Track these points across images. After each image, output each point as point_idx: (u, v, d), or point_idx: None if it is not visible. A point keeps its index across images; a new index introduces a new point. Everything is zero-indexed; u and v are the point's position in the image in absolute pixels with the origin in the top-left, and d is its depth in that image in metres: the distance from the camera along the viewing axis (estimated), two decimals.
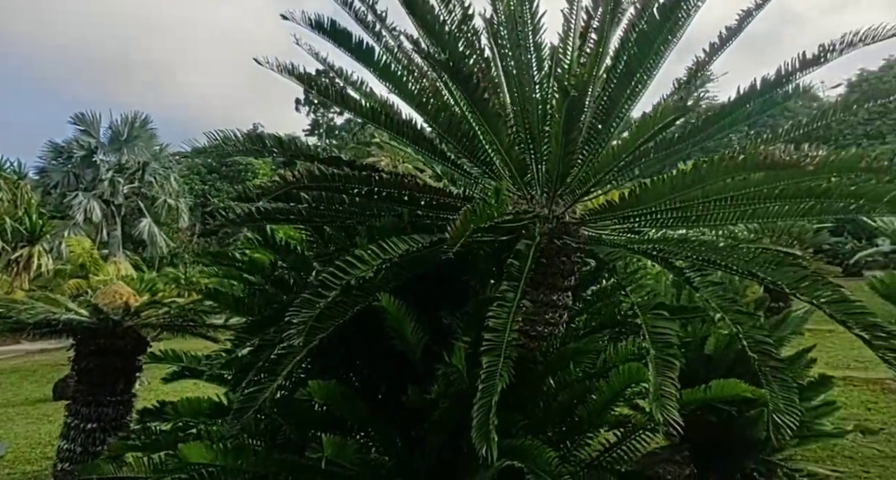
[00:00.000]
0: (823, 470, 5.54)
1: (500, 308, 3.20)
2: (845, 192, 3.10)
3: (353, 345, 4.69)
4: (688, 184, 3.20)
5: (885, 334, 2.92)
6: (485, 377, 2.89)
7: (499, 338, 3.07)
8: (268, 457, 3.53)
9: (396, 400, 4.05)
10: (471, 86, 3.34)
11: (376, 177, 3.68)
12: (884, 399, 8.20)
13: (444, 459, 3.77)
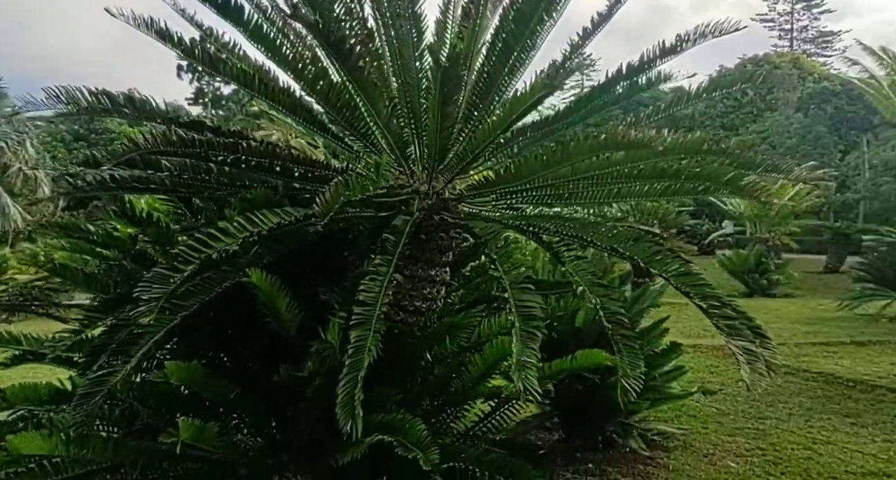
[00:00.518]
0: (670, 428, 6.15)
1: (371, 282, 3.16)
2: (692, 173, 3.39)
3: (224, 324, 4.45)
4: (557, 161, 3.33)
5: (719, 304, 3.25)
6: (352, 352, 2.85)
7: (369, 312, 3.03)
8: (119, 445, 3.25)
9: (270, 379, 3.90)
10: (343, 51, 3.21)
11: (243, 144, 3.46)
12: (724, 363, 9.24)
13: (316, 437, 3.70)
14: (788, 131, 30.68)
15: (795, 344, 10.38)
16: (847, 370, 8.54)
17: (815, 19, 52.64)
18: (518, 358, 2.79)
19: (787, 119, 31.54)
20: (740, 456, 5.63)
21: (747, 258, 17.61)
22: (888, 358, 9.12)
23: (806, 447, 5.78)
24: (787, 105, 32.75)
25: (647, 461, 5.54)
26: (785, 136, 30.68)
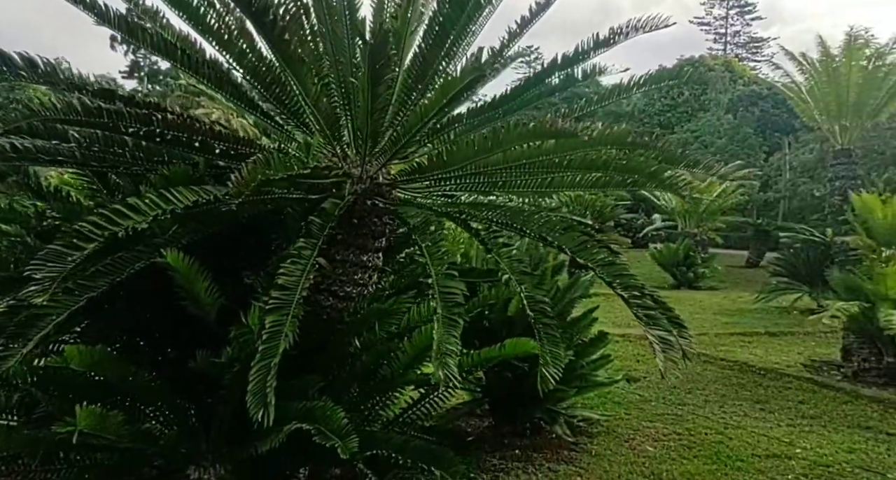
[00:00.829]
0: (595, 415, 6.35)
1: (292, 265, 3.05)
2: (619, 166, 3.46)
3: (140, 307, 4.23)
4: (488, 148, 3.31)
5: (639, 294, 3.35)
6: (266, 337, 2.74)
7: (288, 297, 2.93)
8: (13, 434, 3.02)
9: (188, 365, 3.73)
10: (266, 22, 3.05)
11: (158, 117, 3.24)
12: (650, 352, 9.60)
13: (236, 425, 3.57)
14: (719, 131, 32.15)
15: (715, 335, 10.94)
16: (759, 359, 9.08)
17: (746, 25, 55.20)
18: (439, 346, 2.76)
19: (718, 119, 33.03)
20: (658, 441, 5.88)
21: (676, 251, 18.39)
22: (796, 348, 9.75)
23: (718, 431, 6.10)
24: (718, 106, 34.27)
25: (571, 446, 5.70)
26: (716, 136, 32.13)
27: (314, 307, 4.27)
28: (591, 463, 5.33)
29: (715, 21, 55.17)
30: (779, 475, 5.08)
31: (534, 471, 5.14)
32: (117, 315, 4.13)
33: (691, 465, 5.29)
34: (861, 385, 7.59)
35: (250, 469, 3.91)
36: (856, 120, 11.17)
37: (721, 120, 32.76)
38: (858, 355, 7.90)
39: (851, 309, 7.48)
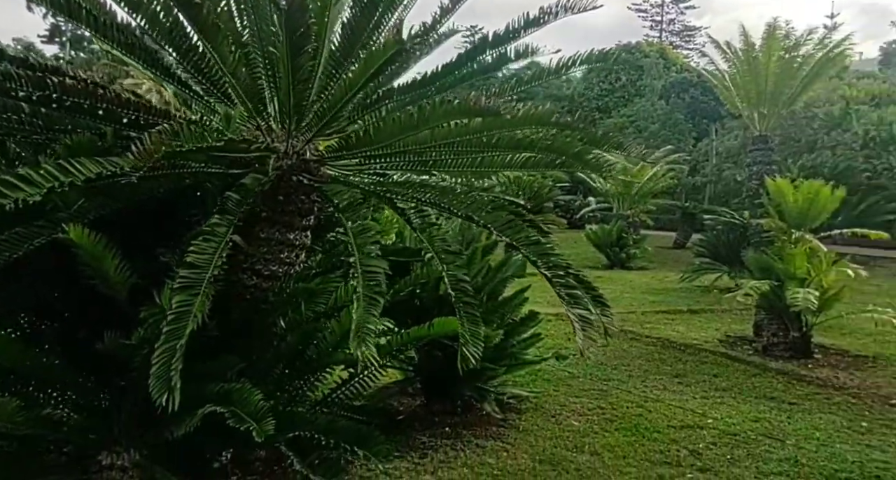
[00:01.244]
0: (524, 392, 6.51)
1: (205, 242, 2.91)
2: (545, 146, 3.49)
3: (44, 285, 3.95)
4: (414, 125, 3.25)
5: (563, 273, 3.41)
6: (172, 318, 2.62)
7: (198, 276, 2.80)
8: None
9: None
10: None
11: (54, 80, 2.99)
12: None
13: (148, 409, 3.42)
14: (652, 116, 33.22)
15: (642, 313, 11.42)
16: (680, 335, 9.55)
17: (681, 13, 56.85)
18: (359, 325, 2.72)
19: (652, 105, 34.09)
20: (583, 415, 6.10)
21: (610, 232, 18.98)
22: (714, 325, 10.32)
23: (639, 404, 6.39)
24: (652, 92, 35.35)
25: (500, 423, 5.82)
26: (649, 121, 33.20)
27: (237, 286, 4.13)
28: (517, 439, 5.47)
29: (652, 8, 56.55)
30: (691, 444, 5.39)
31: (462, 448, 5.22)
32: (18, 294, 3.85)
33: (612, 437, 5.53)
34: (769, 358, 8.13)
35: (167, 453, 3.78)
36: (773, 108, 11.80)
37: (655, 105, 33.84)
38: (768, 330, 8.44)
39: (762, 288, 7.97)
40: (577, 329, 3.39)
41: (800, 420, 5.96)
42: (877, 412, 6.15)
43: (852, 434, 5.56)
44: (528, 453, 5.18)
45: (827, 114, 23.96)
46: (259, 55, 3.66)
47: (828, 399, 6.55)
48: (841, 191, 8.99)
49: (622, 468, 4.93)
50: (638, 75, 39.61)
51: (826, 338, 9.00)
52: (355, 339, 2.71)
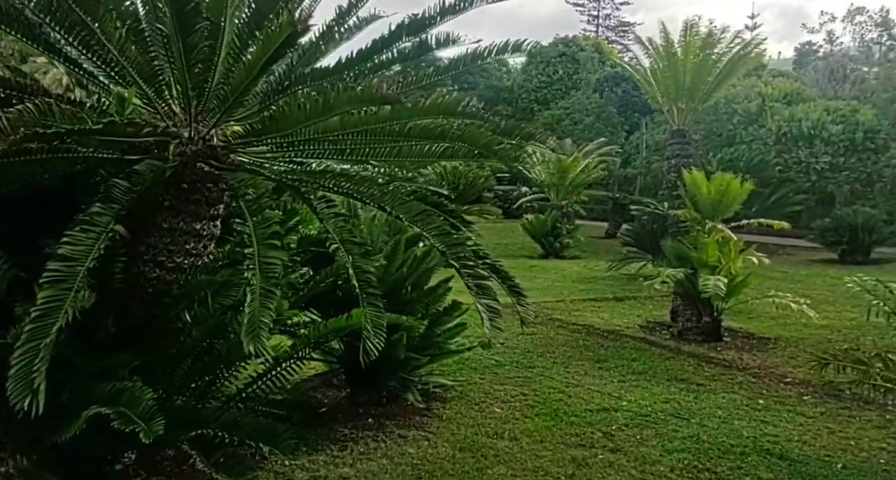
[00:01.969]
0: (448, 381, 6.57)
1: (82, 233, 2.73)
2: (456, 136, 3.49)
3: None
4: (319, 112, 3.17)
5: (472, 264, 3.43)
6: (36, 316, 2.44)
7: (71, 269, 2.63)
8: None
9: None
10: None
11: None
12: (509, 319, 10.12)
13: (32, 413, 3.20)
14: (587, 109, 34.06)
15: (571, 301, 11.74)
16: (605, 322, 9.90)
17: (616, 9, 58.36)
18: (252, 319, 2.64)
19: (587, 98, 34.94)
20: (505, 402, 6.22)
21: (545, 223, 19.37)
22: (637, 311, 10.75)
23: (560, 390, 6.58)
24: (588, 85, 36.22)
25: (424, 412, 5.84)
26: (584, 114, 34.04)
27: (138, 279, 3.93)
28: (440, 427, 5.51)
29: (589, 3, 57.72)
30: (605, 426, 5.59)
31: (384, 438, 5.21)
32: None
33: (532, 423, 5.66)
34: (683, 342, 8.55)
35: (60, 457, 3.56)
36: (690, 103, 12.35)
37: (590, 99, 34.69)
38: (683, 316, 8.87)
39: (677, 276, 8.35)
40: (484, 319, 3.42)
41: (705, 399, 6.30)
42: (773, 390, 6.59)
43: (750, 412, 5.94)
44: (449, 441, 5.22)
45: (745, 111, 25.32)
46: (155, 33, 3.46)
47: (731, 379, 6.96)
48: (749, 183, 9.53)
49: (538, 451, 5.06)
50: (574, 68, 40.48)
51: (735, 322, 9.56)
52: (247, 334, 2.62)
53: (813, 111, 22.54)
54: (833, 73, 29.33)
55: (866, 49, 34.71)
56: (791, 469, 4.71)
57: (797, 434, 5.39)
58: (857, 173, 21.75)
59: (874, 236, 15.89)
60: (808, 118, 22.17)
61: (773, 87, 25.83)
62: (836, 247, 16.33)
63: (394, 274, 5.84)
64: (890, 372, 4.92)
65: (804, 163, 22.09)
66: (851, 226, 15.76)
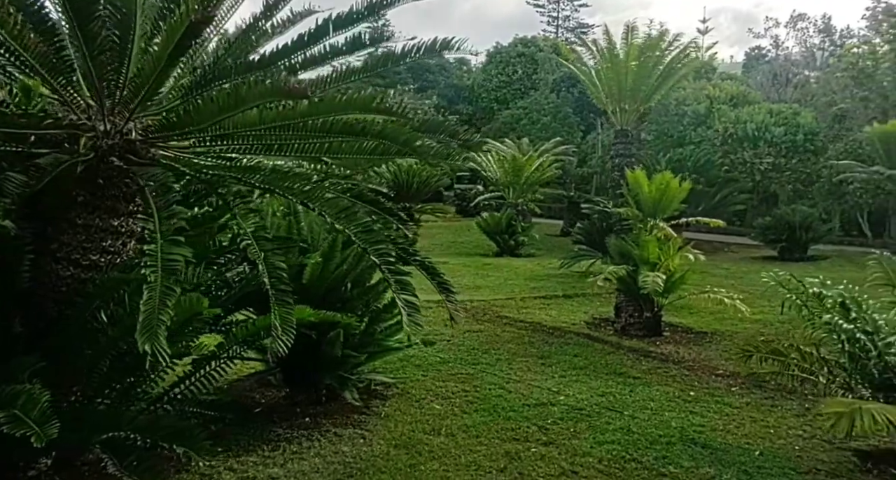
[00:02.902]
0: (387, 379, 6.57)
1: None
2: (376, 131, 3.48)
3: None
4: (233, 105, 3.11)
5: (392, 259, 3.44)
6: None
7: None
8: None
9: None
10: None
11: None
12: (460, 316, 10.20)
13: None
14: (545, 109, 34.53)
15: (521, 298, 11.88)
16: (552, 319, 10.05)
17: (575, 11, 59.26)
18: (148, 317, 2.58)
19: (545, 98, 35.41)
20: (446, 399, 6.25)
21: (499, 221, 19.54)
22: (584, 308, 10.96)
23: (501, 386, 6.65)
24: (546, 86, 36.70)
25: (363, 410, 5.82)
26: (542, 113, 34.50)
27: (50, 278, 3.80)
28: (377, 425, 5.50)
29: (549, 4, 58.43)
30: (541, 420, 5.68)
31: (318, 437, 5.17)
32: None
33: (470, 419, 5.71)
34: (626, 337, 8.76)
35: None
36: (633, 104, 12.67)
37: (548, 99, 35.16)
38: (626, 312, 9.09)
39: (620, 272, 8.55)
40: (404, 314, 3.43)
41: (640, 392, 6.48)
42: (704, 382, 6.82)
43: (681, 403, 6.13)
44: (385, 439, 5.22)
45: (694, 112, 26.10)
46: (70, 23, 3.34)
47: (666, 372, 7.17)
48: (688, 183, 9.81)
49: (473, 447, 5.11)
50: (533, 69, 40.97)
51: (676, 317, 9.85)
52: (143, 333, 2.55)
53: (757, 113, 23.40)
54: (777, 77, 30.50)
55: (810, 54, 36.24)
56: (712, 457, 4.88)
57: (722, 424, 5.59)
58: (798, 173, 22.70)
59: (811, 234, 16.61)
60: (752, 120, 23.01)
61: (720, 90, 26.71)
62: (775, 245, 17.00)
63: (333, 272, 5.80)
64: (805, 362, 5.17)
65: (749, 163, 22.92)
66: (790, 224, 16.43)
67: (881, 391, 4.48)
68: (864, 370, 4.54)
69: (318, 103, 3.12)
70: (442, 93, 51.71)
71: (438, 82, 55.37)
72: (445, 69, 58.22)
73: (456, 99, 51.93)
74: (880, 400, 4.44)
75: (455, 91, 53.40)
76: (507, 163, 20.08)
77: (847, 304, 4.59)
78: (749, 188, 22.25)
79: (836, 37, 35.15)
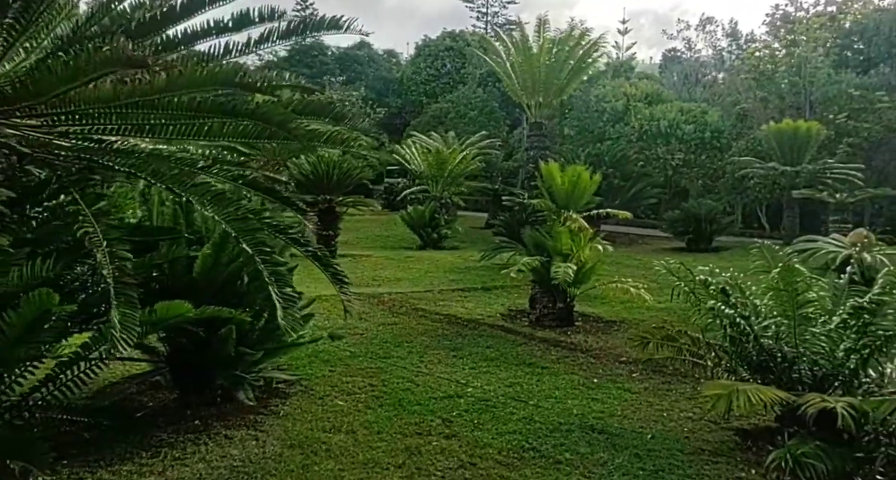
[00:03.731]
0: (287, 376, 6.30)
1: None
2: (247, 112, 3.23)
3: None
4: (71, 77, 2.78)
5: (268, 249, 3.22)
6: None
7: None
8: None
9: None
10: None
11: None
12: (376, 310, 10.01)
13: None
14: (472, 103, 34.72)
15: (439, 291, 11.83)
16: (469, 311, 10.05)
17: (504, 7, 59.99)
18: None
19: (473, 92, 35.61)
20: (351, 394, 6.06)
21: (422, 214, 19.45)
22: (501, 300, 11.05)
23: (409, 379, 6.53)
24: (473, 80, 36.91)
25: (261, 410, 5.53)
26: (469, 107, 34.66)
27: None
28: (274, 425, 5.24)
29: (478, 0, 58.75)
30: (446, 413, 5.61)
31: (206, 441, 4.84)
32: None
33: (374, 414, 5.55)
34: (539, 328, 8.88)
35: None
36: (546, 97, 12.90)
37: (475, 93, 35.38)
38: (540, 303, 9.21)
39: (533, 263, 8.63)
40: (279, 307, 3.22)
41: (546, 381, 6.55)
42: (608, 369, 7.00)
43: (584, 391, 6.25)
44: (279, 439, 4.97)
45: (613, 109, 27.02)
46: None
47: (574, 361, 7.30)
48: (598, 175, 10.06)
49: (373, 443, 4.95)
50: (462, 63, 41.09)
51: (589, 307, 10.11)
52: None
53: (669, 111, 24.52)
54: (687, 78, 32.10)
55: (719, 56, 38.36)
56: (608, 442, 4.97)
57: (620, 409, 5.73)
58: (706, 169, 24.00)
59: (714, 226, 17.58)
60: (665, 118, 24.08)
61: (637, 89, 27.80)
62: (683, 237, 17.89)
63: (227, 264, 5.45)
64: (695, 347, 5.36)
65: (662, 159, 23.99)
66: (696, 217, 17.32)
67: (758, 372, 4.71)
68: (743, 352, 4.75)
69: (177, 77, 2.84)
70: (370, 86, 50.89)
71: (367, 74, 54.45)
72: (374, 61, 57.33)
73: (385, 91, 51.29)
74: (758, 380, 4.66)
75: (384, 83, 52.71)
76: (430, 156, 19.99)
77: (727, 290, 4.78)
78: (661, 182, 23.31)
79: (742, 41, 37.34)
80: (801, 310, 4.48)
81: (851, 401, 3.84)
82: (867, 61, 25.34)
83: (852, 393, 4.27)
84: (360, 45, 59.60)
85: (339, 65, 54.93)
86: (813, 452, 3.84)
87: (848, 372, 4.37)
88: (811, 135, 19.05)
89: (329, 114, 3.56)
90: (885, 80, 22.65)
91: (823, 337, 4.41)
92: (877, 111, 20.46)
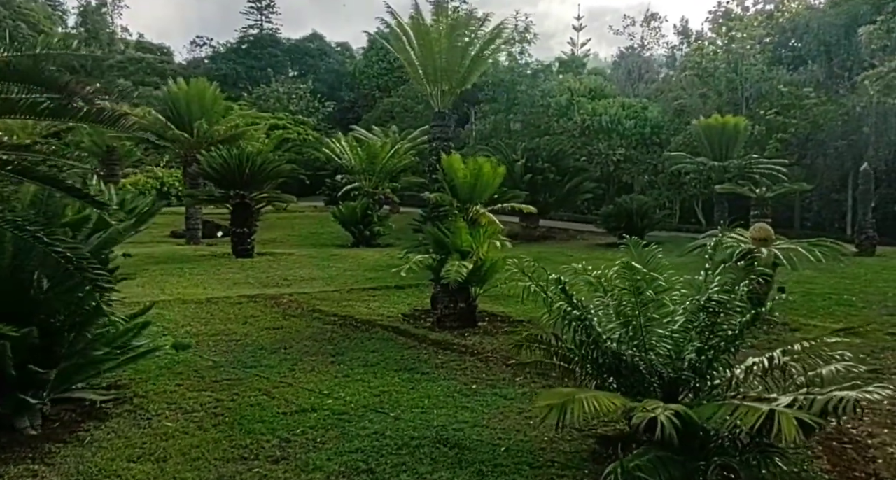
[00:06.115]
0: (94, 396, 5.37)
1: None
2: None
3: None
4: None
5: None
6: None
7: None
8: None
9: None
10: None
11: None
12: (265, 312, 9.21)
13: None
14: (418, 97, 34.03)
15: (348, 290, 11.11)
16: (370, 312, 9.36)
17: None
18: None
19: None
20: (188, 413, 5.28)
21: (354, 210, 18.67)
22: (409, 299, 10.38)
23: (265, 392, 5.79)
24: None
25: (64, 437, 4.72)
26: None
27: None
28: (68, 456, 4.43)
29: None
30: (289, 431, 4.89)
31: None
32: None
33: (203, 436, 4.79)
34: (440, 329, 8.24)
35: None
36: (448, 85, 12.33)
37: None
38: (441, 302, 8.58)
39: (427, 261, 7.99)
40: None
41: (422, 389, 5.91)
42: (493, 373, 6.41)
43: (458, 398, 5.63)
44: (65, 474, 4.17)
45: (557, 104, 26.73)
46: None
47: (460, 365, 6.69)
48: (502, 168, 9.48)
49: (181, 474, 4.20)
50: None
51: (500, 306, 9.53)
52: None
53: (611, 106, 24.33)
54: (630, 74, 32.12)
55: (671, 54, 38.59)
56: (456, 457, 4.36)
57: (487, 418, 5.13)
58: (647, 164, 23.90)
59: (646, 221, 17.33)
60: (606, 113, 23.88)
61: (580, 83, 27.58)
62: (616, 232, 17.60)
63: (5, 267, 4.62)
64: (566, 350, 4.80)
65: (604, 154, 23.78)
66: (628, 211, 17.03)
67: (611, 375, 4.18)
68: (589, 356, 4.21)
69: None
70: (322, 79, 49.55)
71: (318, 67, 53.04)
72: (326, 53, 55.89)
73: (337, 85, 50.05)
74: (614, 386, 4.13)
75: (336, 77, 51.45)
76: (359, 149, 19.21)
77: (567, 289, 4.26)
78: (597, 177, 23.08)
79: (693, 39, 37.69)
80: (658, 311, 3.96)
81: (678, 408, 3.32)
82: (799, 58, 25.69)
83: (704, 397, 3.78)
84: (312, 37, 58.01)
85: (290, 57, 53.27)
86: (647, 464, 3.31)
87: (695, 375, 3.87)
88: (738, 130, 19.04)
89: (43, 82, 2.80)
90: (813, 77, 22.93)
91: (668, 338, 3.90)
92: (804, 107, 20.63)
